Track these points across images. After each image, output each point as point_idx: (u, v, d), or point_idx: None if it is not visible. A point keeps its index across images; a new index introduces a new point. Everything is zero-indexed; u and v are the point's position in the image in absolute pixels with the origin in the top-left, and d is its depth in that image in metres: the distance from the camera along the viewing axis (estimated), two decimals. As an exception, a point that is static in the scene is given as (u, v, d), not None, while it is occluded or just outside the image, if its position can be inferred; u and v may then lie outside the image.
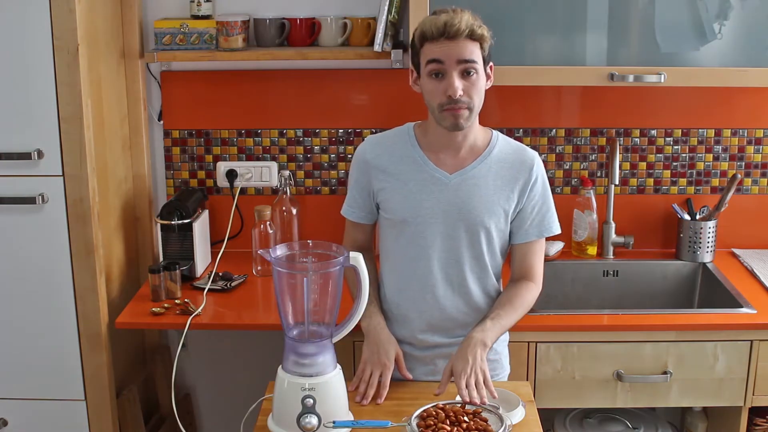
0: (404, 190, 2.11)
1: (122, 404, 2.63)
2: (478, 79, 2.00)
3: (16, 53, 2.31)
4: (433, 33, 1.96)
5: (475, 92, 2.00)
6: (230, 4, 2.78)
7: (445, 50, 1.96)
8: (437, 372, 2.14)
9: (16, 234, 2.44)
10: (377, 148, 2.16)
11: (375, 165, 2.14)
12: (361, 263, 1.90)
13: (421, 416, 1.83)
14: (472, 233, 2.11)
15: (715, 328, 2.43)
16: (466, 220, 2.10)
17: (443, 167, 2.10)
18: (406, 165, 2.12)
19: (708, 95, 2.84)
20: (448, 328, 2.16)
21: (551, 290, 2.86)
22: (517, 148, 2.16)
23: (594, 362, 2.45)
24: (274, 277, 1.89)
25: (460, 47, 1.96)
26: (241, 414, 2.06)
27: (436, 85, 1.99)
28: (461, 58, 1.96)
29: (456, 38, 1.95)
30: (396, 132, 2.18)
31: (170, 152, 2.92)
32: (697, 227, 2.82)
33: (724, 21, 2.46)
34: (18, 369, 2.54)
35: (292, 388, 1.85)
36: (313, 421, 1.82)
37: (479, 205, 2.09)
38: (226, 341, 3.04)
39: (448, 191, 2.09)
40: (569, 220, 2.91)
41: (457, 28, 1.94)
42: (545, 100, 2.87)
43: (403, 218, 2.11)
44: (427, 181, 2.10)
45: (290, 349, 1.88)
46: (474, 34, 1.96)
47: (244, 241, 2.88)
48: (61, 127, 2.36)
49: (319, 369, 1.86)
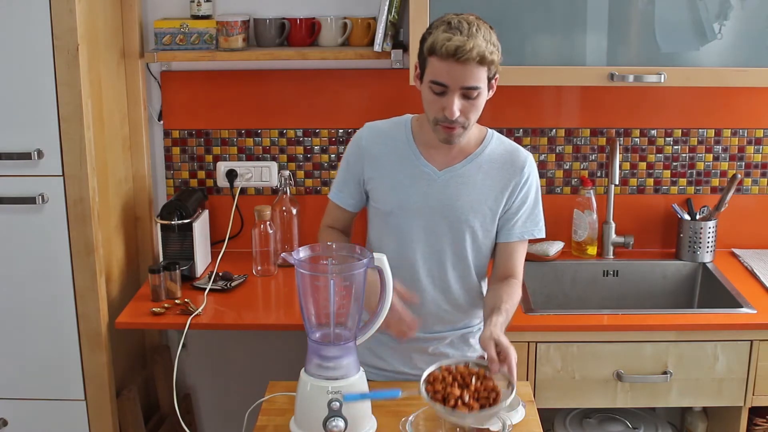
0: (393, 180, 2.11)
1: (122, 404, 2.63)
2: (479, 99, 1.96)
3: (16, 53, 2.31)
4: (442, 53, 1.90)
5: (473, 112, 1.98)
6: (230, 4, 2.78)
7: (451, 74, 1.91)
8: (413, 365, 2.16)
9: (16, 234, 2.44)
10: (374, 135, 2.15)
11: (369, 152, 2.13)
12: (386, 264, 1.87)
13: (428, 380, 1.82)
14: (455, 231, 2.10)
15: (715, 328, 2.43)
16: (449, 217, 2.09)
17: (433, 163, 2.10)
18: (398, 156, 2.11)
19: (708, 95, 2.84)
20: (426, 323, 2.13)
21: (551, 290, 2.86)
22: (510, 149, 2.14)
23: (594, 362, 2.45)
24: (297, 280, 1.86)
25: (466, 73, 1.90)
26: (241, 414, 2.06)
27: (435, 100, 1.96)
28: (465, 85, 1.92)
29: (465, 63, 1.89)
30: (395, 122, 2.17)
31: (170, 152, 2.92)
32: (697, 227, 2.82)
33: (724, 21, 2.46)
34: (18, 369, 2.54)
35: (316, 391, 1.82)
36: (341, 425, 1.80)
37: (465, 204, 2.09)
38: (226, 341, 3.04)
39: (436, 187, 2.09)
40: (569, 220, 2.91)
41: (468, 56, 1.88)
42: (545, 100, 2.87)
43: (390, 209, 2.11)
44: (416, 175, 2.10)
45: (314, 351, 1.85)
46: (484, 60, 1.90)
47: (244, 241, 2.88)
48: (61, 127, 2.36)
49: (343, 372, 1.84)
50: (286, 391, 2.02)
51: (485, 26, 1.95)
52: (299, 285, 1.86)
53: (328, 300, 1.84)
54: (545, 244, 2.86)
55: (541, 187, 2.18)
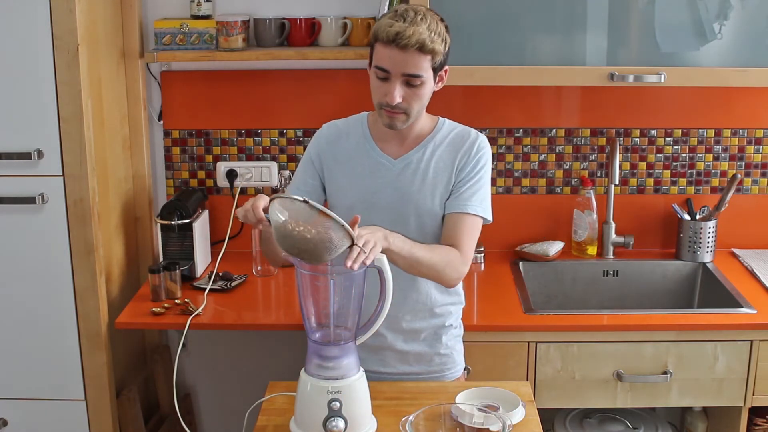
0: (352, 173, 2.12)
1: (122, 404, 2.63)
2: (422, 88, 1.98)
3: (16, 53, 2.32)
4: (383, 38, 1.93)
5: (416, 100, 1.99)
6: (230, 4, 2.78)
7: (393, 59, 1.93)
8: (387, 364, 2.16)
9: (16, 234, 2.44)
10: (333, 133, 2.17)
11: (329, 150, 2.15)
12: (386, 264, 1.87)
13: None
14: (417, 218, 2.09)
15: (715, 328, 2.43)
16: (408, 205, 2.09)
17: (389, 153, 2.11)
18: (356, 150, 2.13)
19: (708, 95, 2.84)
20: (391, 317, 2.05)
21: (551, 290, 2.86)
22: (461, 131, 2.14)
23: (594, 362, 2.45)
24: (297, 280, 1.86)
25: (407, 60, 1.92)
26: (241, 414, 2.06)
27: (379, 85, 1.99)
28: (406, 72, 1.94)
29: (405, 50, 1.91)
30: (352, 119, 2.19)
31: (170, 152, 2.92)
32: (697, 227, 2.82)
33: (724, 21, 2.46)
34: (18, 369, 2.54)
35: (316, 391, 1.82)
36: (340, 425, 1.80)
37: (421, 189, 2.09)
38: (226, 341, 3.04)
39: (392, 176, 2.09)
40: (569, 220, 2.91)
41: (407, 42, 1.90)
42: (545, 100, 2.87)
43: (351, 203, 2.11)
44: (373, 166, 2.11)
45: (313, 351, 1.86)
46: (424, 48, 1.91)
47: (244, 241, 2.88)
48: (61, 127, 2.36)
49: (343, 372, 1.84)
50: (286, 391, 2.02)
51: (435, 18, 1.96)
52: (299, 285, 1.86)
53: (328, 300, 1.84)
54: (545, 244, 2.86)
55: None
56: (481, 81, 2.55)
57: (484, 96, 2.82)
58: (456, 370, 2.24)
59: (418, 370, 2.19)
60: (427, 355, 2.18)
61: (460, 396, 1.97)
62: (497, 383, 2.07)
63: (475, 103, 2.82)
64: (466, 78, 2.48)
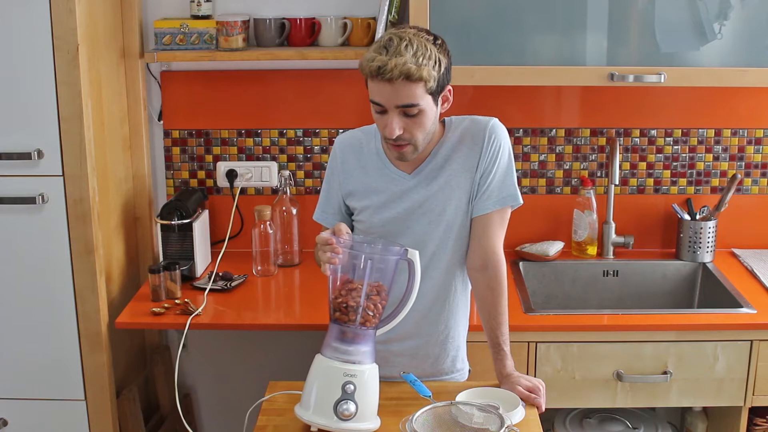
0: (369, 191, 2.09)
1: (122, 404, 2.63)
2: (422, 116, 1.92)
3: (16, 53, 2.32)
4: (368, 74, 1.89)
5: (418, 128, 1.93)
6: (230, 4, 2.78)
7: (382, 93, 1.88)
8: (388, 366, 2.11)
9: (16, 234, 2.44)
10: (346, 148, 2.13)
11: (344, 167, 2.12)
12: (417, 258, 1.88)
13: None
14: (440, 228, 2.06)
15: (715, 328, 2.44)
16: (428, 215, 2.05)
17: (403, 168, 2.07)
18: (370, 168, 2.09)
19: (708, 95, 2.84)
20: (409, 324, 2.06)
21: (551, 290, 2.86)
22: (470, 121, 2.08)
23: (594, 362, 2.45)
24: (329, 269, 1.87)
25: (397, 91, 1.86)
26: (242, 414, 2.06)
27: (378, 119, 1.95)
28: (398, 103, 1.88)
29: (391, 82, 1.85)
30: (365, 131, 2.14)
31: (170, 152, 2.92)
32: (697, 227, 2.82)
33: (724, 21, 2.46)
34: (18, 369, 2.54)
35: (332, 372, 1.84)
36: (351, 408, 1.82)
37: (441, 197, 2.05)
38: (226, 341, 3.04)
39: (409, 189, 2.06)
40: (569, 220, 2.91)
41: (390, 75, 1.83)
42: (545, 100, 2.87)
43: (370, 225, 2.09)
44: (390, 183, 2.07)
45: (334, 335, 1.87)
46: (411, 77, 1.84)
47: (244, 241, 2.89)
48: (61, 127, 2.36)
49: (360, 358, 1.86)
50: (286, 391, 2.02)
51: (423, 41, 1.88)
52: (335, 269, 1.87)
53: (362, 281, 1.85)
54: (545, 244, 2.86)
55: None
56: (481, 81, 2.55)
57: (484, 96, 2.82)
58: (463, 373, 2.21)
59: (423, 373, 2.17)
60: (432, 357, 2.16)
61: (460, 396, 1.97)
62: (497, 383, 2.07)
63: (475, 103, 2.82)
64: (466, 78, 2.48)
